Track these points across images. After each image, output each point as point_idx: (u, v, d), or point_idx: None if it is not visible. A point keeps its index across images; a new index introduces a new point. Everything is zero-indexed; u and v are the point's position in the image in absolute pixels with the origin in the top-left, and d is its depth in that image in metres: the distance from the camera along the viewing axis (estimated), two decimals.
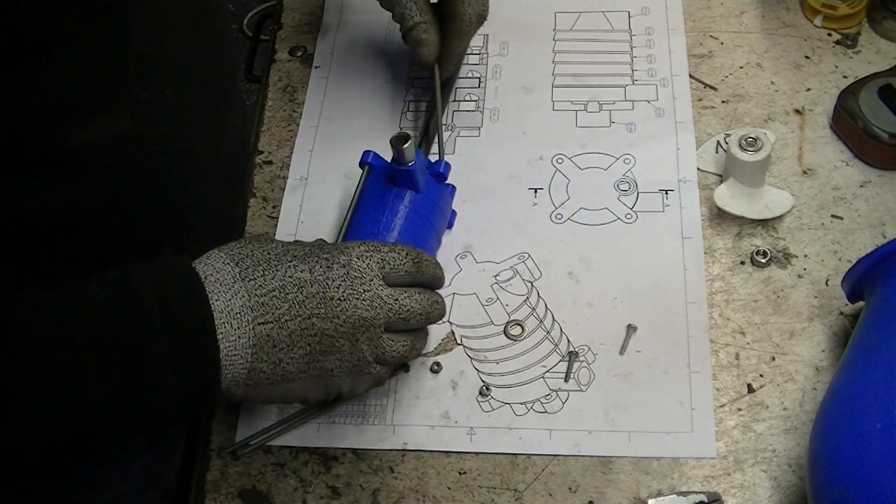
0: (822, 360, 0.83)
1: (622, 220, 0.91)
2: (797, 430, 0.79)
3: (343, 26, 1.05)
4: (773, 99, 0.97)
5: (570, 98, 0.99)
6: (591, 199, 0.92)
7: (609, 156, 0.95)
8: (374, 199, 0.84)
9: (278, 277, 0.69)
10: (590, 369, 0.83)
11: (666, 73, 0.99)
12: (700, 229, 0.89)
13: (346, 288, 0.71)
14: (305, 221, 0.93)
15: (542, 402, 0.82)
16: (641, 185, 0.92)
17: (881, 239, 0.88)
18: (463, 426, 0.81)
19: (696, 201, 0.91)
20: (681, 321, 0.85)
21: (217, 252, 0.70)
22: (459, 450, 0.80)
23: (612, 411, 0.81)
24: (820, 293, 0.86)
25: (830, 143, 0.94)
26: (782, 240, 0.89)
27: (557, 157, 0.95)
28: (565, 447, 0.80)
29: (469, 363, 0.84)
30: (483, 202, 0.93)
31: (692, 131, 0.95)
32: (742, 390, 0.81)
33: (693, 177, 0.92)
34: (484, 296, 0.87)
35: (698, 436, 0.79)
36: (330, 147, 0.97)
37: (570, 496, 0.78)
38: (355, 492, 0.79)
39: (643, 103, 0.98)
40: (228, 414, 0.83)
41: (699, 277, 0.87)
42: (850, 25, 1.01)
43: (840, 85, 0.95)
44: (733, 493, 0.77)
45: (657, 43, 1.01)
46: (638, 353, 0.84)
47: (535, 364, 0.84)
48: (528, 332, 0.85)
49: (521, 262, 0.89)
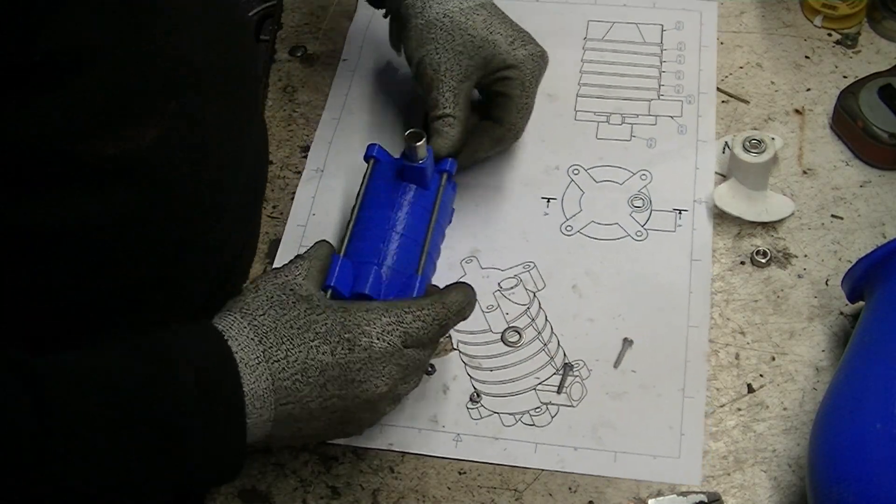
0: (822, 360, 0.82)
1: (632, 237, 0.90)
2: (797, 430, 0.79)
3: (375, 20, 1.05)
4: (773, 99, 0.97)
5: (594, 109, 0.98)
6: (604, 214, 0.91)
7: (626, 170, 0.94)
8: (382, 194, 0.84)
9: (300, 360, 0.69)
10: (583, 385, 0.83)
11: (693, 90, 0.98)
12: (710, 253, 0.88)
13: (367, 370, 0.71)
14: (317, 213, 0.93)
15: (532, 415, 0.82)
16: (656, 202, 0.92)
17: (881, 239, 0.88)
18: (450, 432, 0.81)
19: (709, 224, 0.90)
20: (680, 344, 0.84)
21: (241, 322, 0.70)
22: (444, 455, 0.80)
23: (600, 429, 0.81)
24: (820, 293, 0.85)
25: (830, 143, 0.94)
26: (782, 240, 0.88)
27: (574, 168, 0.94)
28: (550, 462, 0.79)
29: (463, 369, 0.84)
30: (494, 207, 0.92)
31: (714, 152, 0.94)
32: (742, 390, 0.81)
33: (709, 198, 0.91)
34: (485, 302, 0.87)
35: (685, 462, 0.79)
36: (349, 140, 0.98)
37: (570, 496, 0.78)
38: (355, 492, 0.79)
39: (666, 119, 0.97)
40: None
41: (704, 302, 0.86)
42: (850, 25, 1.00)
43: (840, 85, 0.95)
44: (733, 493, 0.77)
45: (688, 59, 1.00)
46: (633, 373, 0.83)
47: (528, 375, 0.83)
48: (525, 341, 0.85)
49: (526, 271, 0.88)
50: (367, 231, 0.82)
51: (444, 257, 0.89)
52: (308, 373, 0.69)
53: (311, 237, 0.91)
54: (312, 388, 0.70)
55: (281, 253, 0.92)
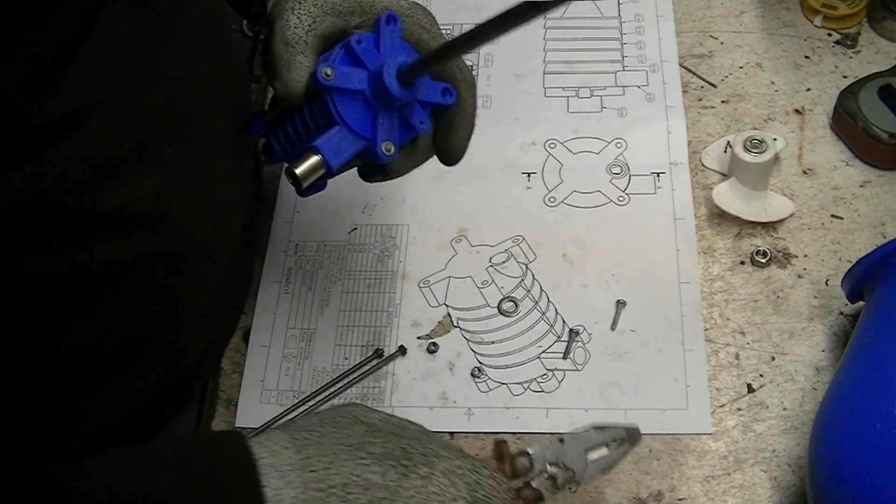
0: (822, 360, 0.83)
1: (615, 203, 0.92)
2: (797, 430, 0.80)
3: None
4: (773, 99, 0.97)
5: (562, 84, 1.00)
6: (584, 183, 0.93)
7: (601, 140, 0.96)
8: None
9: (343, 474, 0.59)
10: (585, 349, 0.84)
11: (656, 59, 1.00)
12: (692, 210, 0.90)
13: (419, 501, 0.60)
14: (301, 211, 0.94)
15: (539, 382, 0.83)
16: (633, 168, 0.93)
17: (881, 239, 0.88)
18: (461, 406, 0.82)
19: (688, 184, 0.92)
20: (674, 300, 0.86)
21: (279, 433, 0.62)
22: (458, 430, 0.81)
23: (607, 389, 0.82)
24: (820, 293, 0.86)
25: (830, 143, 0.94)
26: (782, 240, 0.89)
27: (550, 142, 0.96)
28: (563, 425, 0.80)
29: (466, 345, 0.85)
30: (477, 187, 0.94)
31: (683, 116, 0.96)
32: (742, 390, 0.82)
33: (685, 160, 0.93)
34: (479, 279, 0.88)
35: (693, 412, 0.80)
36: None
37: (570, 496, 0.77)
38: None
39: (634, 89, 0.99)
40: (227, 414, 0.84)
41: (692, 258, 0.88)
42: (850, 25, 1.01)
43: (840, 85, 0.95)
44: (733, 493, 0.77)
45: (646, 29, 1.03)
46: (632, 333, 0.84)
47: (531, 345, 0.84)
48: (522, 311, 0.86)
49: (516, 244, 0.90)
50: None
51: (433, 239, 0.90)
52: (349, 488, 0.59)
53: (297, 233, 0.92)
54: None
55: (270, 251, 0.91)
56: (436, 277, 0.88)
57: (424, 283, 0.88)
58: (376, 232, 0.91)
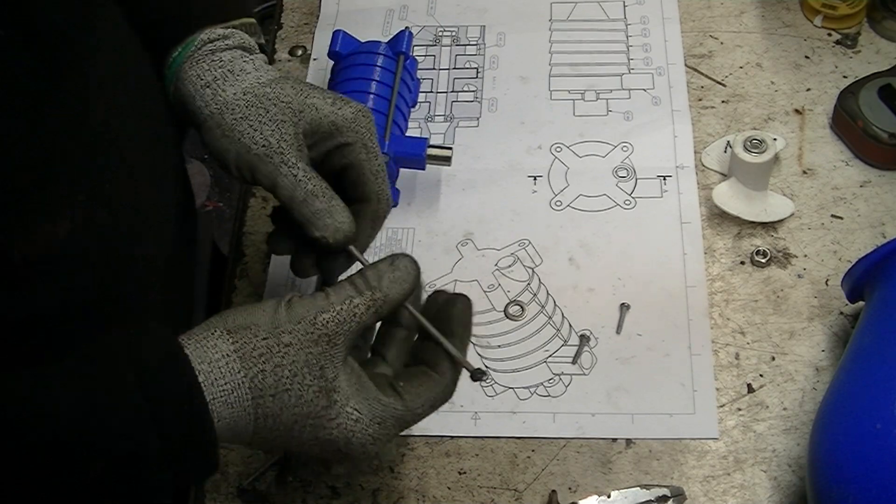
0: (822, 360, 0.83)
1: (621, 207, 0.92)
2: (797, 430, 0.80)
3: (340, 18, 1.06)
4: (773, 99, 0.97)
5: (568, 87, 1.00)
6: (590, 186, 0.93)
7: (607, 144, 0.95)
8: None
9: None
10: (592, 353, 0.84)
11: (662, 62, 1.00)
12: (698, 214, 0.90)
13: None
14: None
15: (546, 386, 0.83)
16: (639, 171, 0.93)
17: (881, 239, 0.88)
18: (468, 411, 0.82)
19: (694, 187, 0.92)
20: (681, 304, 0.85)
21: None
22: (464, 434, 0.81)
23: (614, 394, 0.82)
24: (820, 293, 0.86)
25: (830, 143, 0.94)
26: (782, 240, 0.89)
27: (556, 146, 0.96)
28: (569, 430, 0.80)
29: (472, 349, 0.85)
30: (483, 190, 0.93)
31: (689, 119, 0.96)
32: (742, 390, 0.82)
33: (691, 163, 0.93)
34: (485, 282, 0.88)
35: (700, 417, 0.80)
36: None
37: (570, 496, 0.78)
38: (355, 492, 0.79)
39: (640, 92, 0.99)
40: None
41: (698, 261, 0.87)
42: (850, 25, 1.01)
43: (840, 85, 0.95)
44: (733, 493, 0.77)
45: (652, 32, 1.02)
46: (639, 337, 0.84)
47: (537, 349, 0.84)
48: (528, 315, 0.86)
49: (522, 248, 0.90)
50: None
51: (439, 242, 0.90)
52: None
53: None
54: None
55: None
56: (442, 281, 0.88)
57: (430, 287, 0.88)
58: (382, 235, 0.91)
